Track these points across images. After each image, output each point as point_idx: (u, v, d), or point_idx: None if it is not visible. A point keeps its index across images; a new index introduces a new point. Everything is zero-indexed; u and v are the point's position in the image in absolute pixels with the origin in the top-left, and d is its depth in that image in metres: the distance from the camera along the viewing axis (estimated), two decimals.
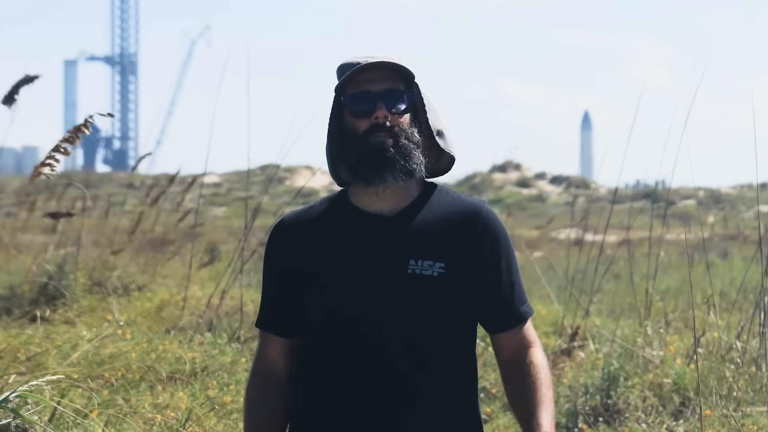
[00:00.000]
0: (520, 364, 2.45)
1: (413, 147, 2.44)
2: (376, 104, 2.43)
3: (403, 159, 2.42)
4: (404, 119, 2.46)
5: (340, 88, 2.49)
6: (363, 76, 2.45)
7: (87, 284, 9.11)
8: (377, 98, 2.43)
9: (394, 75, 2.47)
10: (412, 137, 2.45)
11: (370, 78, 2.45)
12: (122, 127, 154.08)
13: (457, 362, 2.47)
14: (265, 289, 2.57)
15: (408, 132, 2.45)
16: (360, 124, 2.44)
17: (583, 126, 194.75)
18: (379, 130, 2.42)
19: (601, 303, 10.33)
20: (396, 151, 2.41)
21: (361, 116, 2.44)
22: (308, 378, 2.48)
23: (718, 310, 7.55)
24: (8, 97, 3.80)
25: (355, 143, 2.44)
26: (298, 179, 44.62)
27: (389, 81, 2.46)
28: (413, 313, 2.40)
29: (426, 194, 2.51)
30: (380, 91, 2.44)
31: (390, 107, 2.44)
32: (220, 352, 6.74)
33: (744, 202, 38.17)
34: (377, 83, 2.45)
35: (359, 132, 2.44)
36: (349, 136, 2.46)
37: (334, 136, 2.50)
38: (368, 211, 2.48)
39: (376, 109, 2.43)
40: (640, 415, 6.10)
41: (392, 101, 2.44)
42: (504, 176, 48.44)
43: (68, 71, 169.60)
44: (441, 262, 2.42)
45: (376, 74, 2.45)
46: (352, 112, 2.46)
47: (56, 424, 4.41)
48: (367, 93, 2.44)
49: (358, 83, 2.46)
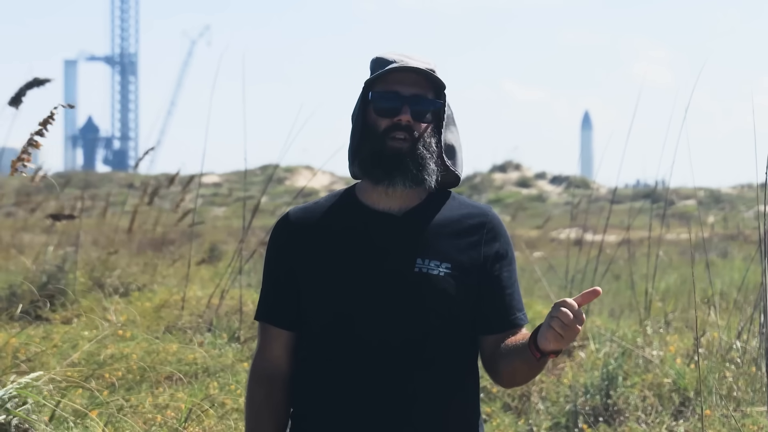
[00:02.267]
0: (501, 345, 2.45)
1: (429, 156, 2.45)
2: (402, 107, 2.43)
3: (416, 168, 2.43)
4: (427, 128, 2.46)
5: (371, 83, 2.48)
6: (394, 75, 2.45)
7: (87, 284, 9.11)
8: (405, 101, 2.44)
9: (425, 82, 2.47)
10: (429, 147, 2.45)
11: (402, 79, 2.45)
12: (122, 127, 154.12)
13: (460, 362, 2.47)
14: (266, 282, 2.56)
15: (427, 141, 2.45)
16: (382, 122, 2.45)
17: (583, 126, 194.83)
18: (398, 130, 2.43)
19: (602, 303, 10.33)
20: (411, 159, 2.42)
21: (385, 115, 2.44)
22: (311, 376, 2.48)
23: (718, 310, 7.55)
24: (15, 98, 3.82)
25: (373, 140, 2.44)
26: (298, 179, 44.62)
27: (419, 87, 2.46)
28: (418, 312, 2.41)
29: (434, 197, 2.52)
30: (408, 95, 2.44)
31: (415, 113, 2.44)
32: (220, 352, 6.74)
33: (744, 202, 38.19)
34: (407, 86, 2.45)
35: (380, 129, 2.44)
36: (369, 131, 2.46)
37: (356, 129, 2.50)
38: (376, 209, 2.48)
39: (401, 112, 2.43)
40: (640, 415, 6.10)
41: (418, 107, 2.45)
42: (504, 176, 48.45)
43: (68, 71, 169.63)
44: (447, 263, 2.43)
45: (409, 77, 2.45)
46: (376, 110, 2.46)
47: (56, 423, 4.41)
48: (395, 94, 2.45)
49: (388, 82, 2.46)
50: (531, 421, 6.22)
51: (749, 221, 26.94)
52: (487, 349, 2.49)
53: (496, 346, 2.47)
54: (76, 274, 8.85)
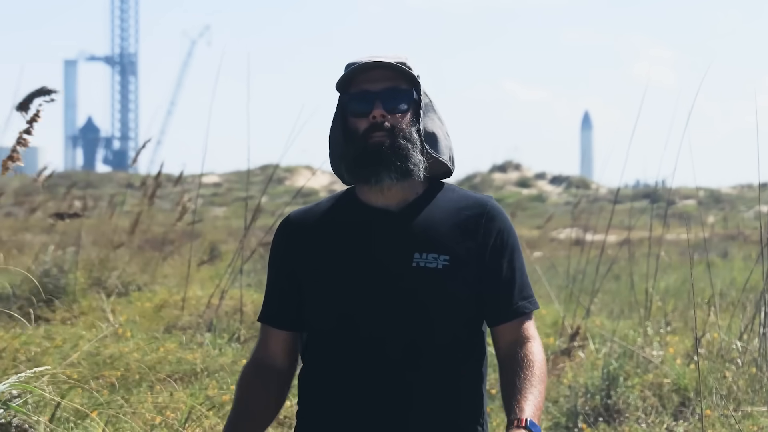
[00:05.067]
0: (514, 356, 2.42)
1: (411, 147, 2.43)
2: (374, 103, 2.42)
3: (399, 159, 2.41)
4: (404, 119, 2.45)
5: (341, 88, 2.48)
6: (364, 75, 2.45)
7: (87, 284, 9.10)
8: (375, 98, 2.43)
9: (396, 75, 2.46)
10: (410, 137, 2.44)
11: (371, 78, 2.44)
12: (122, 127, 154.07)
13: (463, 359, 2.46)
14: (269, 284, 2.57)
15: (407, 132, 2.44)
16: (360, 124, 2.44)
17: (583, 126, 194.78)
18: (377, 130, 2.42)
19: (602, 303, 10.32)
20: (392, 151, 2.41)
21: (359, 116, 2.44)
22: (315, 374, 2.49)
23: (718, 310, 7.55)
24: (23, 104, 3.86)
25: (356, 143, 2.44)
26: (298, 179, 44.60)
27: (389, 80, 2.45)
28: (417, 307, 2.40)
29: (432, 190, 2.51)
30: (378, 91, 2.43)
31: (388, 107, 2.43)
32: (220, 352, 6.74)
33: (744, 202, 38.18)
34: (377, 83, 2.44)
35: (360, 132, 2.44)
36: (351, 136, 2.45)
37: (336, 137, 2.49)
38: (374, 207, 2.48)
39: (373, 108, 2.42)
40: (640, 415, 6.09)
41: (391, 101, 2.43)
42: (504, 176, 48.43)
43: (68, 71, 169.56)
44: (446, 255, 2.42)
45: (378, 74, 2.45)
46: (351, 112, 2.45)
47: (57, 424, 4.41)
48: (366, 92, 2.44)
49: (358, 83, 2.45)
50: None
51: (749, 221, 26.94)
52: (499, 341, 2.47)
53: (506, 338, 2.45)
54: (76, 274, 8.84)
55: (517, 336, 2.45)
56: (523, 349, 2.42)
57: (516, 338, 2.45)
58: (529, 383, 2.36)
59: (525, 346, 2.43)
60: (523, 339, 2.45)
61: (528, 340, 2.45)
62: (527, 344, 2.44)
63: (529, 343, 2.44)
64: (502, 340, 2.47)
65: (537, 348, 2.44)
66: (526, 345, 2.43)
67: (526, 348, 2.43)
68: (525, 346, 2.43)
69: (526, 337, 2.45)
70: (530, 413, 2.30)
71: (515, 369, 2.39)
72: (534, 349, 2.43)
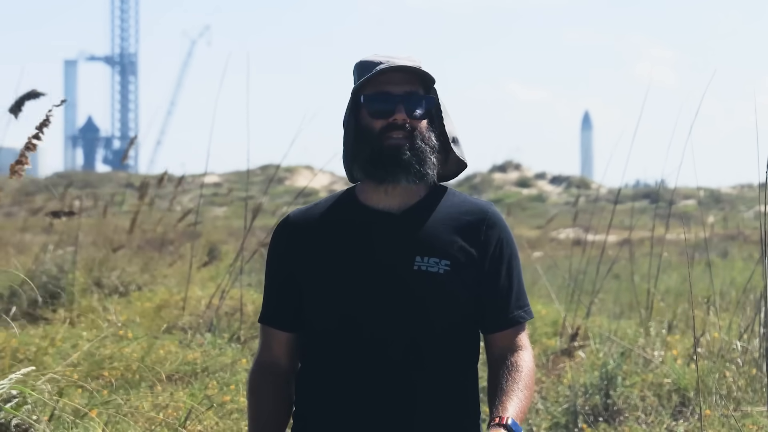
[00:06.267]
0: (504, 362, 2.46)
1: (429, 151, 2.45)
2: (396, 106, 2.44)
3: (419, 163, 2.43)
4: (422, 124, 2.46)
5: (360, 86, 2.48)
6: (383, 77, 2.45)
7: (86, 284, 9.11)
8: (398, 101, 2.44)
9: (414, 78, 2.47)
10: (428, 141, 2.46)
11: (391, 80, 2.45)
12: (122, 127, 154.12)
13: (461, 360, 2.48)
14: (269, 285, 2.58)
15: (425, 136, 2.46)
16: (377, 124, 2.45)
17: (583, 126, 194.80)
18: (395, 129, 2.43)
19: (603, 303, 10.32)
20: (412, 154, 2.43)
21: (380, 116, 2.45)
22: (314, 375, 2.49)
23: (718, 310, 7.55)
24: (14, 107, 3.90)
25: (371, 142, 2.44)
26: (298, 179, 44.64)
27: (409, 84, 2.46)
28: (418, 310, 2.41)
29: (434, 194, 2.52)
30: (401, 94, 2.45)
31: (410, 111, 2.44)
32: (220, 352, 6.74)
33: (744, 202, 38.22)
34: (398, 85, 2.45)
35: (375, 131, 2.44)
36: (364, 134, 2.46)
37: (349, 134, 2.50)
38: (375, 209, 2.48)
39: (395, 112, 2.43)
40: (640, 414, 6.10)
41: (412, 105, 2.45)
42: (504, 176, 48.45)
43: (68, 71, 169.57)
44: (447, 260, 2.43)
45: (398, 76, 2.46)
46: (370, 112, 2.46)
47: (56, 423, 4.41)
48: (387, 94, 2.45)
49: (378, 83, 2.46)
50: (531, 420, 6.22)
51: (749, 221, 26.97)
52: (491, 348, 2.51)
53: (499, 345, 2.48)
54: (76, 274, 8.84)
55: (510, 344, 2.49)
56: (514, 357, 2.47)
57: (508, 346, 2.49)
58: (516, 386, 2.41)
59: (516, 353, 2.47)
60: (515, 347, 2.49)
61: (520, 348, 2.49)
62: (518, 352, 2.48)
63: (521, 351, 2.48)
64: (495, 347, 2.50)
65: (528, 357, 2.48)
66: (516, 353, 2.48)
67: (517, 356, 2.47)
68: (516, 353, 2.47)
69: (518, 346, 2.49)
70: (513, 413, 2.34)
71: (504, 373, 2.44)
72: (525, 357, 2.47)
